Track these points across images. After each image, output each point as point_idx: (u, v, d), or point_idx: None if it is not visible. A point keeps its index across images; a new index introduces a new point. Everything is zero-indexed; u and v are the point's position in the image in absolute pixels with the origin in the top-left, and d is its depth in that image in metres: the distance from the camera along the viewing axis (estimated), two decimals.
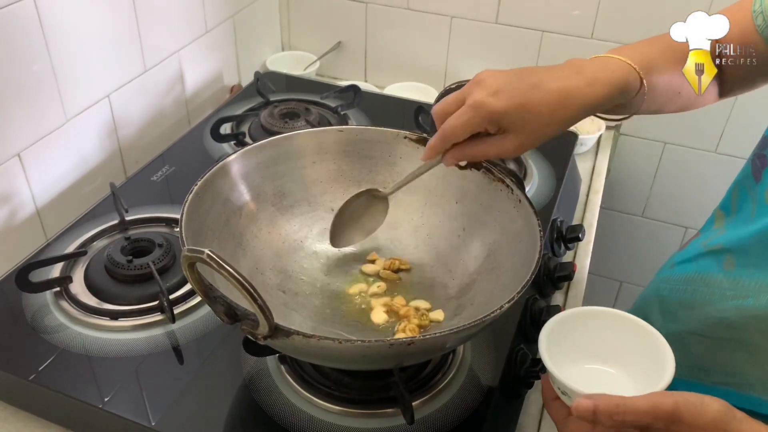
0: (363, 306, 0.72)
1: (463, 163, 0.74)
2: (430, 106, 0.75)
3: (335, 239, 0.75)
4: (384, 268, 0.76)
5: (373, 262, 0.77)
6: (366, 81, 1.46)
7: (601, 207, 1.13)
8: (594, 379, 0.60)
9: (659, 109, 0.69)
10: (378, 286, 0.74)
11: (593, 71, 0.61)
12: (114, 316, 0.76)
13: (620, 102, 0.62)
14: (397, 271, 0.76)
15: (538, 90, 0.59)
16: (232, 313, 0.55)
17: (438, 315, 0.70)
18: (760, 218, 0.63)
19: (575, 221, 1.09)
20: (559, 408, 0.57)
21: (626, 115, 0.67)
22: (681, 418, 0.48)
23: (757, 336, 0.62)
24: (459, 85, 0.69)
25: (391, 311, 0.71)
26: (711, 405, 0.49)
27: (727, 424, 0.48)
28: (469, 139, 0.61)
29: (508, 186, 0.70)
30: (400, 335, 0.67)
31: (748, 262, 0.64)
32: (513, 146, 0.60)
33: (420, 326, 0.69)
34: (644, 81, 0.62)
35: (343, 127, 0.78)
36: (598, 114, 0.64)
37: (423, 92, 1.37)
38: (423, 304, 0.72)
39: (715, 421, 0.48)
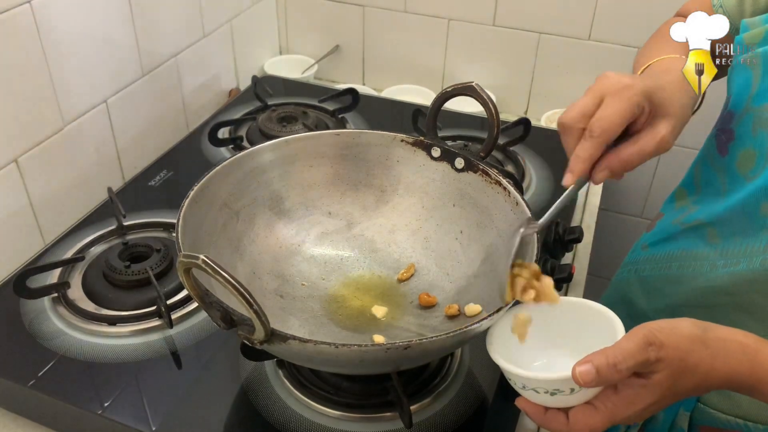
0: (361, 308, 0.72)
1: (460, 166, 0.74)
2: (427, 108, 0.74)
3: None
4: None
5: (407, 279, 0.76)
6: (364, 84, 1.46)
7: (600, 208, 1.13)
8: (558, 368, 0.53)
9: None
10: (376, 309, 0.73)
11: (669, 67, 0.63)
12: (112, 321, 0.76)
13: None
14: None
15: (659, 78, 0.61)
16: (228, 319, 0.55)
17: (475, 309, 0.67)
18: (735, 190, 0.64)
19: (574, 223, 1.08)
20: (556, 415, 0.53)
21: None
22: (660, 342, 0.48)
23: (756, 297, 0.62)
24: (455, 88, 0.69)
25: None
26: (680, 322, 0.49)
27: (703, 335, 0.49)
28: (618, 145, 0.58)
29: (505, 188, 0.70)
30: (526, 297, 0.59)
31: (732, 232, 0.64)
32: (668, 131, 0.57)
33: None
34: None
35: (340, 130, 0.78)
36: None
37: (421, 95, 1.37)
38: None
39: (691, 334, 0.49)
